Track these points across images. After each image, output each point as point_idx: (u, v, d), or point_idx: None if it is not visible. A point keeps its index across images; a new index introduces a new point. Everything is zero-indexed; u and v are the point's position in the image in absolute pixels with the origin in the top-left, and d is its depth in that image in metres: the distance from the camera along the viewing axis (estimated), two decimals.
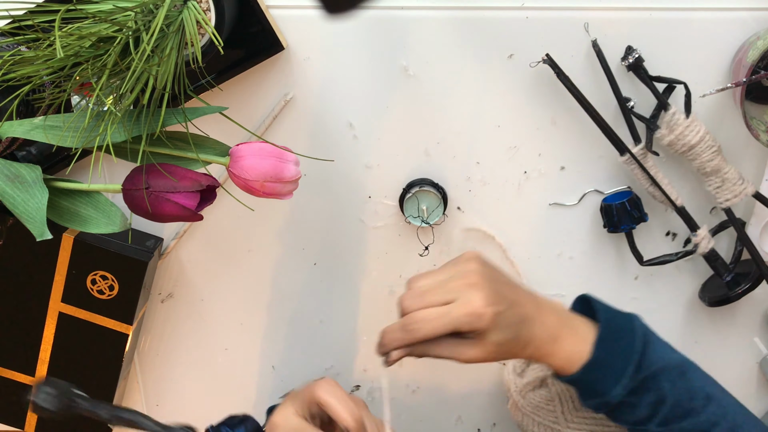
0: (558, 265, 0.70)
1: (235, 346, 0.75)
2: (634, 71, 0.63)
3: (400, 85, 0.66)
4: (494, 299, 0.50)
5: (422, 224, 0.67)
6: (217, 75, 0.64)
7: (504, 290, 0.52)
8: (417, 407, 0.76)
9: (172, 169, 0.53)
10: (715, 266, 0.67)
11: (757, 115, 0.63)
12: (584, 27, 0.63)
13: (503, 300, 0.51)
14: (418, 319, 0.51)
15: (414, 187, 0.67)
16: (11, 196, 0.50)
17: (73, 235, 0.66)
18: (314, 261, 0.72)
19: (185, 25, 0.50)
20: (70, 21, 0.50)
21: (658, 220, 0.69)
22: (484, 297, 0.50)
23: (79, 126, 0.52)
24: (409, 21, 0.64)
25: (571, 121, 0.66)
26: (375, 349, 0.53)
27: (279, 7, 0.64)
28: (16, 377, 0.71)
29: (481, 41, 0.64)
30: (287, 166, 0.53)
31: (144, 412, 0.77)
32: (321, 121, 0.67)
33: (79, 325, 0.68)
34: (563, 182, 0.68)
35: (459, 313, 0.50)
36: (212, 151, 0.55)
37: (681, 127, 0.62)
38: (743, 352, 0.73)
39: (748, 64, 0.58)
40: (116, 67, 0.48)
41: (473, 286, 0.51)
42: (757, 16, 0.62)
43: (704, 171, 0.64)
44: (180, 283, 0.73)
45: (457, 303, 0.50)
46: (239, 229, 0.71)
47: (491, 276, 0.52)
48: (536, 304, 0.54)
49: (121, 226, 0.54)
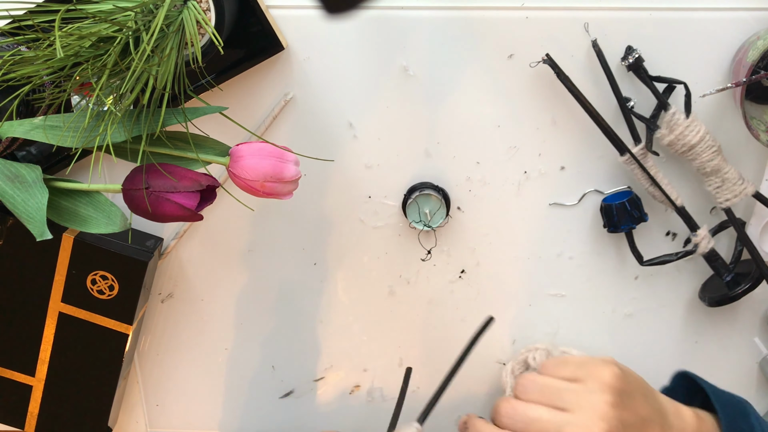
0: (558, 265, 0.70)
1: (235, 346, 0.75)
2: (634, 71, 0.63)
3: (400, 85, 0.66)
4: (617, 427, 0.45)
5: (425, 228, 0.67)
6: (217, 75, 0.64)
7: (631, 418, 0.46)
8: (417, 407, 0.76)
9: (172, 169, 0.53)
10: (715, 266, 0.67)
11: (757, 115, 0.63)
12: (584, 27, 0.63)
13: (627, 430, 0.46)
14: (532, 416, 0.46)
15: (415, 192, 0.67)
16: (11, 196, 0.50)
17: (73, 235, 0.66)
18: (314, 261, 0.72)
19: (185, 25, 0.50)
20: (70, 21, 0.50)
21: (658, 220, 0.69)
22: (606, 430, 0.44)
23: (79, 126, 0.52)
24: (409, 21, 0.64)
25: (571, 121, 0.66)
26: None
27: (279, 7, 0.64)
28: (16, 377, 0.71)
29: (481, 41, 0.64)
30: (287, 166, 0.53)
31: (144, 412, 0.77)
32: (321, 121, 0.67)
33: (79, 325, 0.68)
34: (563, 182, 0.68)
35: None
36: (212, 151, 0.55)
37: (681, 127, 0.62)
38: (743, 352, 0.73)
39: (748, 64, 0.58)
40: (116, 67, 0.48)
41: (597, 412, 0.44)
42: (757, 16, 0.62)
43: (704, 171, 0.64)
44: (180, 283, 0.73)
45: (571, 425, 0.44)
46: (239, 229, 0.71)
47: (619, 418, 0.46)
48: (662, 426, 0.48)
49: (121, 226, 0.54)
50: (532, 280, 0.71)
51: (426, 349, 0.74)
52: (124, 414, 0.77)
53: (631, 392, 0.48)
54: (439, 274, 0.71)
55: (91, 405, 0.72)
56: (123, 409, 0.77)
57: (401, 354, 0.74)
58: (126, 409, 0.77)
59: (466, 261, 0.71)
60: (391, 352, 0.74)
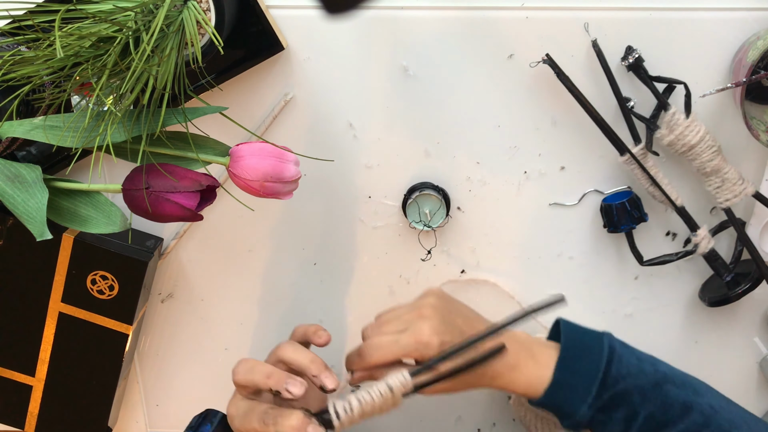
0: (558, 265, 0.70)
1: (235, 346, 0.75)
2: (634, 71, 0.63)
3: (400, 85, 0.66)
4: (441, 329, 0.54)
5: (425, 228, 0.67)
6: (217, 75, 0.64)
7: (456, 321, 0.56)
8: (417, 407, 0.76)
9: (172, 169, 0.53)
10: (715, 266, 0.67)
11: (757, 115, 0.63)
12: (584, 27, 0.63)
13: (452, 330, 0.54)
14: (371, 345, 0.55)
15: (415, 192, 0.67)
16: (11, 196, 0.50)
17: (73, 235, 0.66)
18: (314, 261, 0.72)
19: (185, 25, 0.50)
20: (70, 21, 0.50)
21: (658, 220, 0.69)
22: (431, 327, 0.54)
23: (79, 126, 0.52)
24: (409, 21, 0.64)
25: (571, 121, 0.66)
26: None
27: (279, 7, 0.64)
28: (16, 377, 0.71)
29: (481, 41, 0.64)
30: (287, 166, 0.53)
31: (144, 412, 0.77)
32: (321, 121, 0.67)
33: (79, 325, 0.68)
34: (563, 182, 0.68)
35: (407, 341, 0.54)
36: (212, 151, 0.55)
37: (681, 127, 0.62)
38: (743, 352, 0.73)
39: (748, 64, 0.58)
40: (116, 67, 0.48)
41: (423, 317, 0.55)
42: (757, 16, 0.62)
43: (704, 171, 0.64)
44: (180, 283, 0.73)
45: (407, 332, 0.54)
46: (239, 229, 0.71)
47: (444, 308, 0.57)
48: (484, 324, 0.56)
49: (121, 226, 0.54)
50: (532, 280, 0.71)
51: None
52: (124, 414, 0.77)
53: (454, 299, 0.59)
54: (439, 274, 0.71)
55: (91, 405, 0.72)
56: (123, 409, 0.77)
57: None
58: (126, 409, 0.77)
59: (466, 261, 0.71)
60: None
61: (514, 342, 0.55)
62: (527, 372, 0.55)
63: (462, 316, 0.57)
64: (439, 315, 0.55)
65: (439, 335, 0.54)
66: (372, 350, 0.55)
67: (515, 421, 0.76)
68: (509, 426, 0.76)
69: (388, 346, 0.54)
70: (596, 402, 0.53)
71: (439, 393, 0.54)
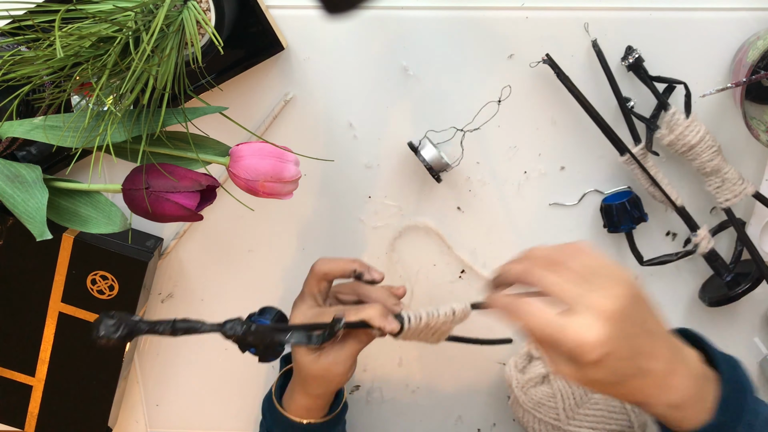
0: None
1: (235, 346, 0.75)
2: (634, 71, 0.63)
3: (400, 85, 0.66)
4: (617, 344, 0.44)
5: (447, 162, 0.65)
6: (217, 75, 0.64)
7: (639, 338, 0.45)
8: (417, 407, 0.76)
9: (172, 169, 0.53)
10: (715, 266, 0.67)
11: (757, 115, 0.63)
12: (584, 27, 0.63)
13: (629, 348, 0.45)
14: (531, 310, 0.46)
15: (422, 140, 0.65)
16: (11, 196, 0.50)
17: (73, 235, 0.66)
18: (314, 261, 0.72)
19: (185, 25, 0.50)
20: (70, 21, 0.50)
21: (658, 220, 0.69)
22: (607, 333, 0.44)
23: (79, 126, 0.52)
24: (409, 21, 0.64)
25: (571, 121, 0.66)
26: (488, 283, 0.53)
27: (279, 7, 0.64)
28: (16, 377, 0.71)
29: (481, 41, 0.64)
30: (287, 166, 0.54)
31: (144, 412, 0.77)
32: (321, 121, 0.67)
33: (79, 325, 0.68)
34: (563, 182, 0.68)
35: (570, 336, 0.44)
36: (212, 151, 0.55)
37: (681, 127, 0.62)
38: (743, 352, 0.72)
39: (748, 64, 0.58)
40: (116, 67, 0.48)
41: (604, 314, 0.44)
42: (757, 16, 0.62)
43: (704, 171, 0.64)
44: (180, 283, 0.73)
45: (575, 324, 0.44)
46: (239, 229, 0.71)
47: (632, 316, 0.45)
48: (671, 365, 0.47)
49: (121, 226, 0.54)
50: None
51: (426, 350, 0.74)
52: (124, 414, 0.77)
53: (649, 302, 0.48)
54: (439, 274, 0.71)
55: (91, 405, 0.72)
56: (123, 409, 0.77)
57: (401, 354, 0.74)
58: (126, 409, 0.77)
59: (467, 261, 0.71)
60: (391, 352, 0.74)
61: (689, 379, 0.47)
62: (688, 414, 0.47)
63: (647, 333, 0.46)
64: (623, 321, 0.44)
65: (610, 351, 0.44)
66: (527, 315, 0.46)
67: (515, 421, 0.76)
68: (509, 426, 0.76)
69: (547, 325, 0.45)
70: None
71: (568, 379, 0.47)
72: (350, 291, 0.60)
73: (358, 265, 0.58)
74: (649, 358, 0.46)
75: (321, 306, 0.59)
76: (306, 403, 0.60)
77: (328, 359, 0.57)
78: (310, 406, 0.60)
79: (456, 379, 0.75)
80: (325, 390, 0.59)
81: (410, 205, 0.70)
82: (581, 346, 0.44)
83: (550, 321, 0.45)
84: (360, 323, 0.54)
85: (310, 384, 0.59)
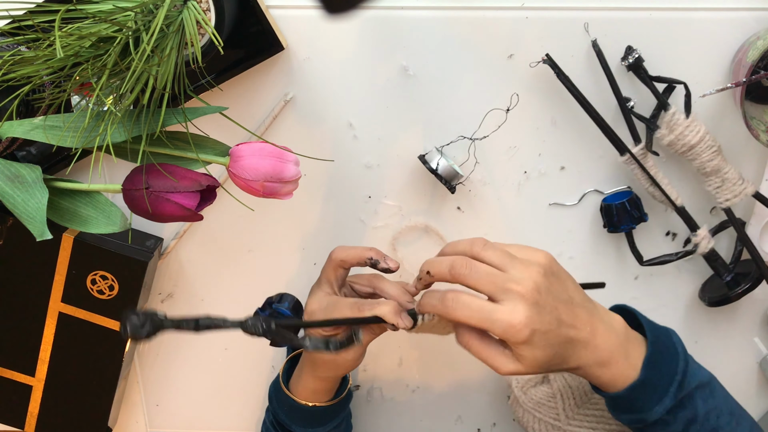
0: None
1: (235, 346, 0.75)
2: (634, 71, 0.63)
3: (400, 85, 0.66)
4: (539, 319, 0.49)
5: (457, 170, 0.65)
6: (217, 75, 0.64)
7: (558, 309, 0.50)
8: (417, 407, 0.76)
9: (172, 169, 0.53)
10: (715, 266, 0.67)
11: (757, 115, 0.63)
12: (584, 27, 0.63)
13: (551, 320, 0.49)
14: (461, 301, 0.50)
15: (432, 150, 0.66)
16: (11, 196, 0.50)
17: (73, 235, 0.66)
18: (314, 261, 0.72)
19: (185, 25, 0.50)
20: (70, 21, 0.50)
21: (658, 220, 0.69)
22: (529, 313, 0.48)
23: (79, 126, 0.52)
24: (409, 21, 0.64)
25: (571, 121, 0.66)
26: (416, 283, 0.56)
27: (279, 7, 0.64)
28: (16, 377, 0.71)
29: (481, 41, 0.64)
30: (287, 166, 0.53)
31: (144, 412, 0.77)
32: (321, 121, 0.67)
33: (79, 325, 0.68)
34: (563, 182, 0.68)
35: (498, 319, 0.48)
36: (212, 151, 0.55)
37: (681, 127, 0.62)
38: (743, 352, 0.73)
39: (748, 64, 0.58)
40: (116, 67, 0.48)
41: (523, 297, 0.49)
42: (757, 16, 0.62)
43: (704, 171, 0.64)
44: (180, 283, 0.73)
45: (502, 309, 0.49)
46: (239, 229, 0.71)
47: (548, 290, 0.50)
48: (592, 327, 0.52)
49: (121, 226, 0.54)
50: None
51: (426, 350, 0.74)
52: (124, 414, 0.77)
53: (562, 274, 0.53)
54: None
55: (91, 405, 0.72)
56: (123, 409, 0.77)
57: (401, 354, 0.74)
58: (126, 409, 0.77)
59: None
60: (391, 352, 0.74)
61: (611, 335, 0.52)
62: (616, 370, 0.52)
63: (563, 302, 0.51)
64: (541, 297, 0.49)
65: (535, 325, 0.48)
66: (458, 306, 0.50)
67: (515, 421, 0.76)
68: (509, 426, 0.76)
69: (477, 312, 0.49)
70: (670, 402, 0.52)
71: (515, 374, 0.51)
72: (367, 283, 0.60)
73: (374, 253, 0.58)
74: (571, 325, 0.51)
75: (336, 294, 0.59)
76: (313, 385, 0.61)
77: None
78: (317, 388, 0.62)
79: (456, 379, 0.75)
80: (334, 374, 0.60)
81: (410, 205, 0.70)
82: (510, 328, 0.48)
83: (481, 308, 0.49)
84: (374, 318, 0.54)
85: (320, 367, 0.60)
